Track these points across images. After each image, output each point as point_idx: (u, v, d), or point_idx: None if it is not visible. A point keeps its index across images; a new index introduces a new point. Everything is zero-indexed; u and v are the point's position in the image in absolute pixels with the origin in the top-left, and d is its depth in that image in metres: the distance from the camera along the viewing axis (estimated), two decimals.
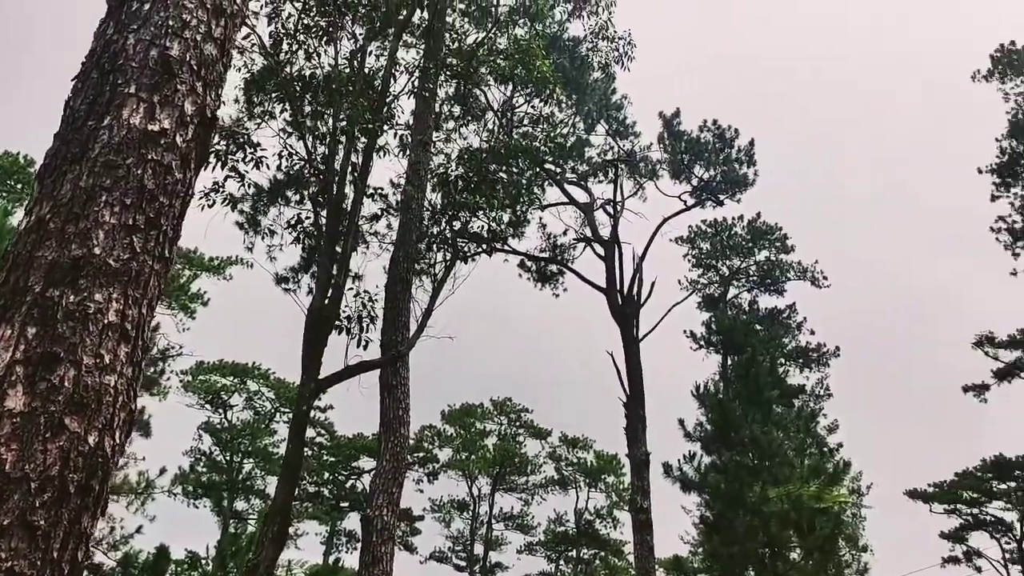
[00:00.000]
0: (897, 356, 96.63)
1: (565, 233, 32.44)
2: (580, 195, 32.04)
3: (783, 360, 40.18)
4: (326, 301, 14.34)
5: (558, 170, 30.33)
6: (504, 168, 18.64)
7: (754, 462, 24.17)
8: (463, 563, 56.43)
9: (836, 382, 57.82)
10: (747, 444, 24.23)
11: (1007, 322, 56.98)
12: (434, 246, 17.24)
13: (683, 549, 34.64)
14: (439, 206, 17.51)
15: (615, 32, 25.91)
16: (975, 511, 51.46)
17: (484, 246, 18.76)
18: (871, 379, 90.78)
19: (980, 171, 38.94)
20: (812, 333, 41.03)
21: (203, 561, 33.10)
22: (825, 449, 34.14)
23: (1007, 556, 51.06)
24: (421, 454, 53.96)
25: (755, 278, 40.51)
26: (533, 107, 20.35)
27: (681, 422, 25.35)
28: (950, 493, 50.79)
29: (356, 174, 15.65)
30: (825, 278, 38.73)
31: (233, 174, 15.26)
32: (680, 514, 26.47)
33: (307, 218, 16.09)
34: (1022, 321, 45.73)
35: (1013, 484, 48.58)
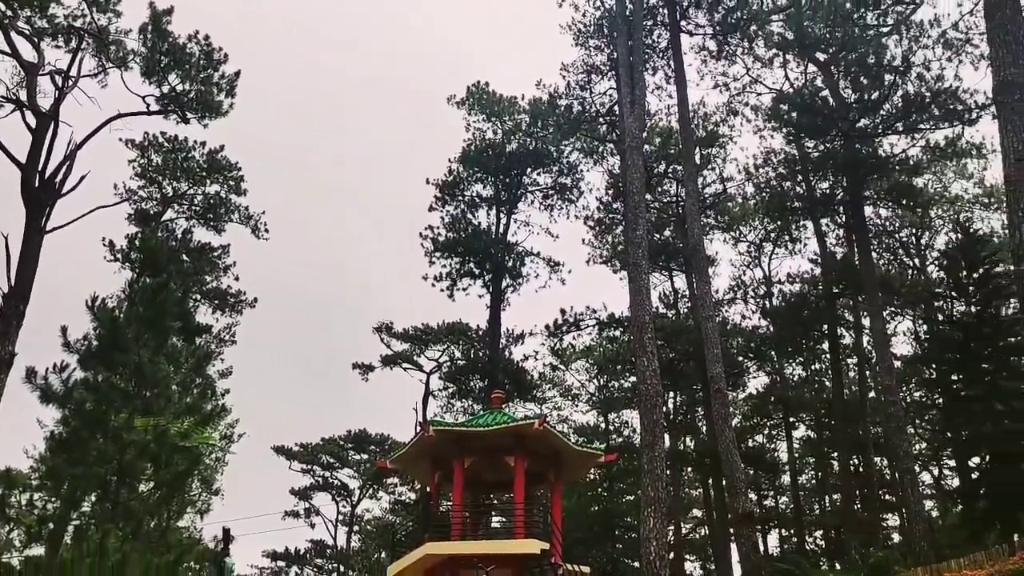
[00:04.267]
0: (311, 323, 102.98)
1: None
2: (28, 52, 27.66)
3: (199, 297, 39.73)
4: None
5: (9, 13, 25.72)
6: None
7: (132, 388, 23.20)
8: None
9: (245, 332, 59.23)
10: (131, 369, 23.15)
11: (407, 318, 64.80)
12: None
13: (25, 464, 31.74)
14: None
15: None
16: (327, 475, 57.30)
17: None
18: (280, 337, 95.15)
19: (428, 182, 43.79)
20: (237, 279, 41.32)
21: None
22: (210, 392, 34.51)
23: (341, 518, 57.81)
24: None
25: (198, 208, 39.41)
26: None
27: (64, 330, 23.06)
28: (312, 455, 55.71)
29: None
30: (267, 231, 39.28)
31: None
32: (32, 426, 24.18)
33: None
34: (417, 320, 52.39)
35: (366, 456, 55.23)
